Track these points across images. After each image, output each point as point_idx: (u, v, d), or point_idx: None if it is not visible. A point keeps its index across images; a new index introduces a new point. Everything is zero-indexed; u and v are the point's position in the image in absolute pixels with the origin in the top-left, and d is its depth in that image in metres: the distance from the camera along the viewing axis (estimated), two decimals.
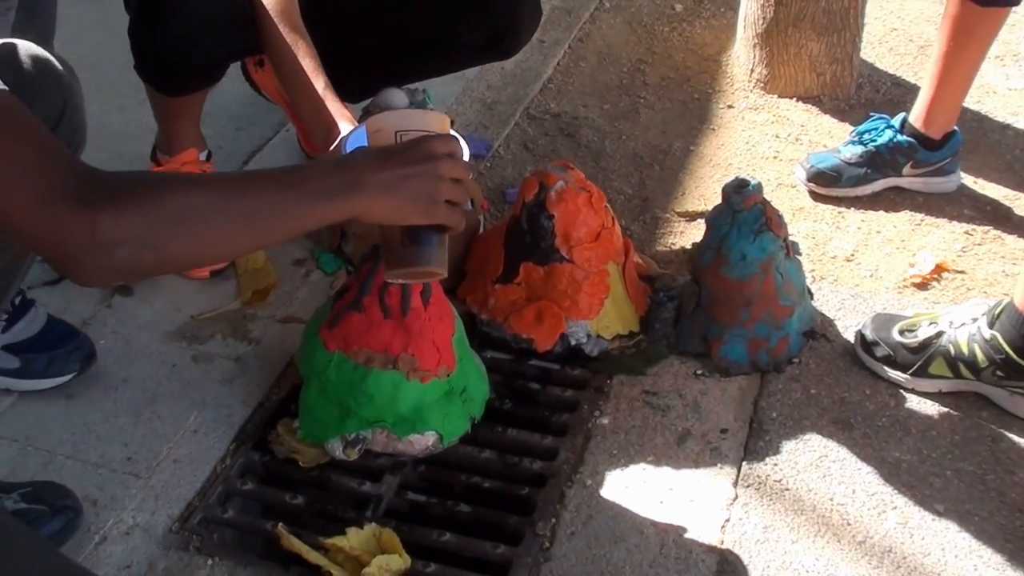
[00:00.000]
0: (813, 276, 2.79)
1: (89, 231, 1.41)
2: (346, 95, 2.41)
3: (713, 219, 2.52)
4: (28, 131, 1.45)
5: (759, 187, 2.46)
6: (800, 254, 2.64)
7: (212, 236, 1.52)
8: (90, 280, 1.50)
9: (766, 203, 2.47)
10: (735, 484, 2.28)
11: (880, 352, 2.50)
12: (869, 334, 2.53)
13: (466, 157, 1.88)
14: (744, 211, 2.45)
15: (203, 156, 2.87)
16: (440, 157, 1.69)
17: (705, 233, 2.54)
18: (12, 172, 1.39)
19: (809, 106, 3.56)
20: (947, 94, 3.02)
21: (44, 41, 2.67)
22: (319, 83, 2.23)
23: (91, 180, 1.45)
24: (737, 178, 2.49)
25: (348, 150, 2.09)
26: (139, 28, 2.53)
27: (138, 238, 1.43)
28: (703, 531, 2.18)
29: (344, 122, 2.31)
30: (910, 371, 2.46)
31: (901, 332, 2.49)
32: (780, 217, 2.50)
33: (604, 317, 2.57)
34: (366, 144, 1.84)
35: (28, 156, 1.42)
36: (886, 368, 2.49)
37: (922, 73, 3.31)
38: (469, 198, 1.75)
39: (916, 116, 3.07)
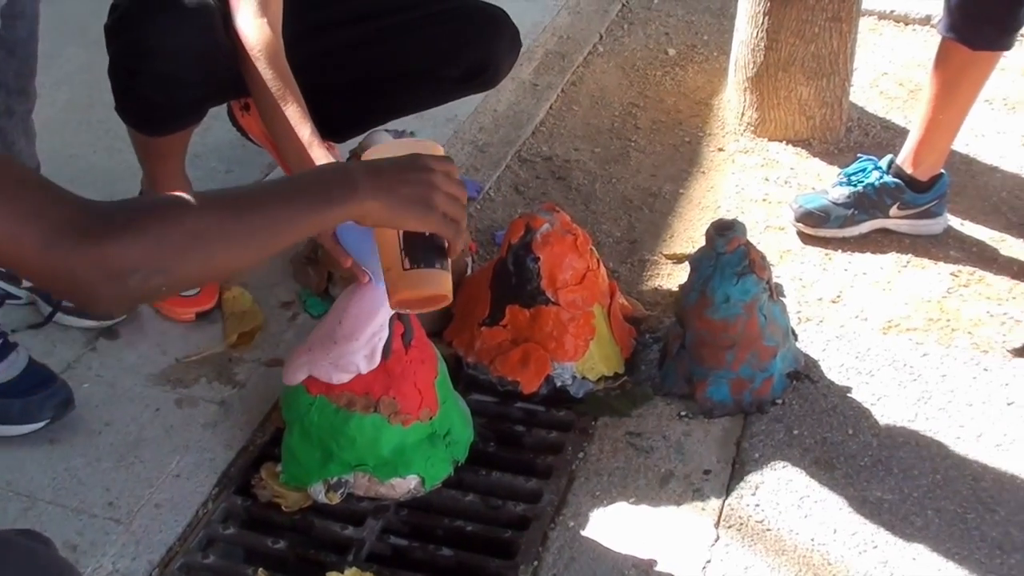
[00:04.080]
0: (799, 317, 2.79)
1: (100, 264, 1.41)
2: (331, 134, 2.40)
3: (697, 261, 2.53)
4: (24, 180, 1.45)
5: (743, 229, 2.47)
6: (785, 296, 2.64)
7: (220, 255, 1.52)
8: (111, 309, 1.51)
9: (749, 245, 2.48)
10: (717, 525, 2.28)
11: None
12: None
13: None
14: (727, 253, 2.45)
15: None
16: (434, 170, 1.71)
17: (689, 275, 2.55)
18: (16, 222, 1.39)
19: (799, 149, 3.57)
20: (936, 137, 3.03)
21: (24, 80, 2.67)
22: (304, 132, 2.21)
23: (93, 214, 1.44)
24: (720, 220, 2.50)
25: None
26: (119, 66, 2.51)
27: (147, 264, 1.43)
28: (684, 572, 2.18)
29: None
30: None
31: None
32: (763, 259, 2.50)
33: (589, 359, 2.57)
34: None
35: (28, 203, 1.41)
36: None
37: (912, 116, 3.32)
38: (465, 217, 1.76)
39: (904, 158, 3.08)
